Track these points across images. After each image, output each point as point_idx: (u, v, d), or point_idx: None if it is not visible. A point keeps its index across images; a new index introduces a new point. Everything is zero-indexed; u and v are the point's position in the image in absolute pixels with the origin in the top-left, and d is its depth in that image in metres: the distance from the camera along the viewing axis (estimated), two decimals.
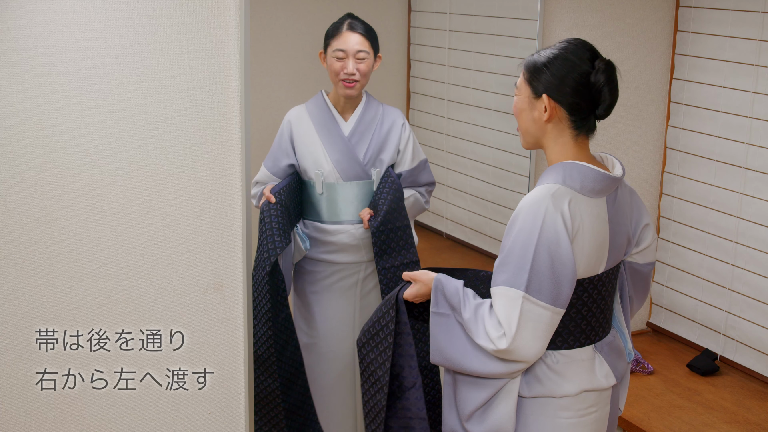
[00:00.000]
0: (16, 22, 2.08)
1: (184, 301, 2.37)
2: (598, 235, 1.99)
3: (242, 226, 2.39)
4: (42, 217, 2.19)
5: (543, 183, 1.98)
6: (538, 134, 2.05)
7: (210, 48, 2.27)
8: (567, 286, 1.93)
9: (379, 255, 2.76)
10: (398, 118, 2.87)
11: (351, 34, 2.72)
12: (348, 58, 2.72)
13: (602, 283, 2.05)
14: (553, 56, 1.99)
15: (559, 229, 1.91)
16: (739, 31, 2.91)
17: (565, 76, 1.97)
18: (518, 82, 2.06)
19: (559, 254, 1.91)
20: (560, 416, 2.03)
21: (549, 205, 1.92)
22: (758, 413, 2.75)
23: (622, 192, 2.10)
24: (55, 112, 2.16)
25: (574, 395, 2.03)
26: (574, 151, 2.02)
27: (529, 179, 3.06)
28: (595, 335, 2.08)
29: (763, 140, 2.86)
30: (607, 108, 2.00)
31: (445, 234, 3.49)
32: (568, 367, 2.03)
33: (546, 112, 2.00)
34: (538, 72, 2.00)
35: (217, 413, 2.46)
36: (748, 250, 2.93)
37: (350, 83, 2.74)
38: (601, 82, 1.96)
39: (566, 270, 1.92)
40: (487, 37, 3.20)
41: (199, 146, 2.31)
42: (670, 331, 3.29)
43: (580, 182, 1.97)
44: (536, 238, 1.90)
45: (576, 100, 1.98)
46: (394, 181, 2.78)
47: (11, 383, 2.24)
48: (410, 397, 2.20)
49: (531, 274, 1.90)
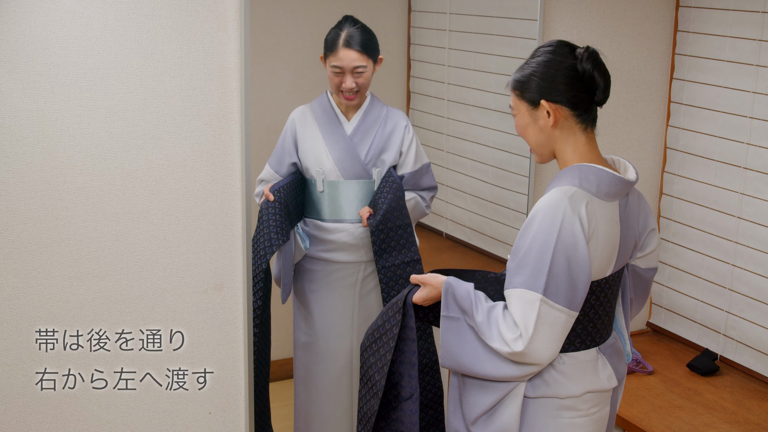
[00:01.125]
0: (16, 22, 2.08)
1: (184, 301, 2.37)
2: (610, 238, 1.99)
3: (242, 226, 2.39)
4: (42, 217, 2.19)
5: (558, 185, 1.97)
6: (549, 143, 2.04)
7: (210, 48, 2.27)
8: (582, 290, 1.94)
9: (379, 254, 2.76)
10: (402, 120, 2.87)
11: (347, 51, 2.72)
12: (345, 74, 2.73)
13: (608, 286, 2.06)
14: (536, 64, 2.01)
15: (576, 233, 1.91)
16: (739, 31, 2.91)
17: (554, 75, 1.98)
18: (512, 103, 2.06)
19: (576, 257, 1.91)
20: (563, 416, 2.03)
21: (567, 208, 1.92)
22: (758, 413, 2.75)
23: (632, 195, 2.10)
24: (55, 112, 2.16)
25: (578, 396, 2.03)
26: (586, 150, 2.02)
27: (529, 179, 3.06)
28: (600, 338, 2.08)
29: (763, 140, 2.86)
30: (604, 91, 2.00)
31: (445, 234, 3.49)
32: (574, 369, 2.03)
33: (550, 116, 1.99)
34: (526, 84, 2.01)
35: (217, 413, 2.46)
36: (748, 250, 2.93)
37: (350, 96, 2.76)
38: (589, 69, 1.97)
39: (582, 273, 1.92)
40: (487, 37, 3.20)
41: (199, 146, 2.31)
42: (670, 331, 3.29)
43: (596, 185, 1.96)
44: (554, 241, 1.90)
45: (573, 93, 1.98)
46: (394, 181, 2.78)
47: (11, 383, 2.24)
48: (405, 409, 2.17)
49: (549, 277, 1.90)
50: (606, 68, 2.01)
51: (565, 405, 2.03)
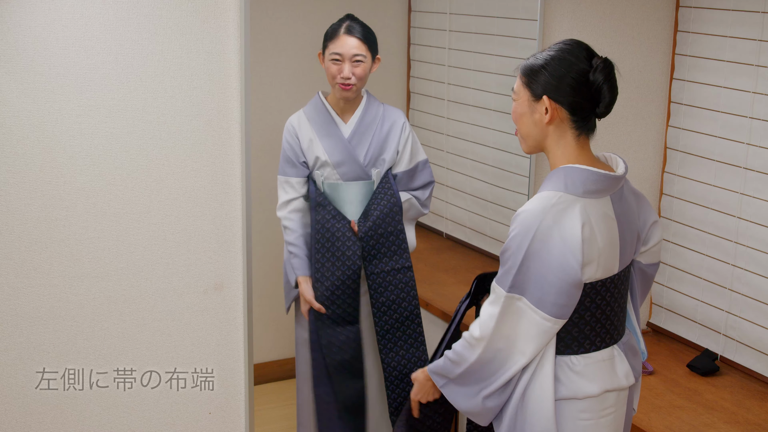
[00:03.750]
0: (16, 22, 2.08)
1: (184, 301, 2.37)
2: (609, 234, 1.99)
3: (242, 226, 2.39)
4: (42, 217, 2.19)
5: (544, 189, 1.98)
6: (539, 137, 2.04)
7: (210, 48, 2.27)
8: (558, 294, 1.97)
9: (368, 260, 2.75)
10: (399, 118, 2.86)
11: (348, 38, 2.72)
12: (344, 62, 2.72)
13: (616, 285, 2.06)
14: (550, 57, 1.99)
15: (552, 241, 1.93)
16: (739, 31, 2.91)
17: (564, 75, 1.97)
18: (515, 87, 2.06)
19: (550, 264, 1.95)
20: (581, 418, 2.03)
21: (545, 219, 1.94)
22: (758, 413, 2.74)
23: (627, 190, 2.10)
24: (55, 112, 2.16)
25: (597, 396, 2.04)
26: (577, 153, 2.02)
27: (529, 179, 3.06)
28: (611, 338, 2.09)
29: (763, 140, 2.86)
30: (607, 106, 1.99)
31: (445, 234, 3.49)
32: (590, 369, 2.04)
33: (547, 113, 1.99)
34: (535, 74, 2.00)
35: (217, 413, 2.46)
36: (748, 250, 2.93)
37: (347, 87, 2.74)
38: (600, 81, 1.96)
39: (557, 279, 1.95)
40: (487, 38, 3.20)
41: (199, 146, 2.31)
42: (670, 331, 3.29)
43: (582, 186, 1.97)
44: (526, 247, 1.94)
45: (576, 99, 1.97)
46: (390, 188, 2.78)
47: (11, 383, 2.24)
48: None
49: (516, 277, 1.96)
50: (616, 84, 2.00)
51: (583, 406, 2.03)
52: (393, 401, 2.80)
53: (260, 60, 2.72)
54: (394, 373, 2.79)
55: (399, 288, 2.76)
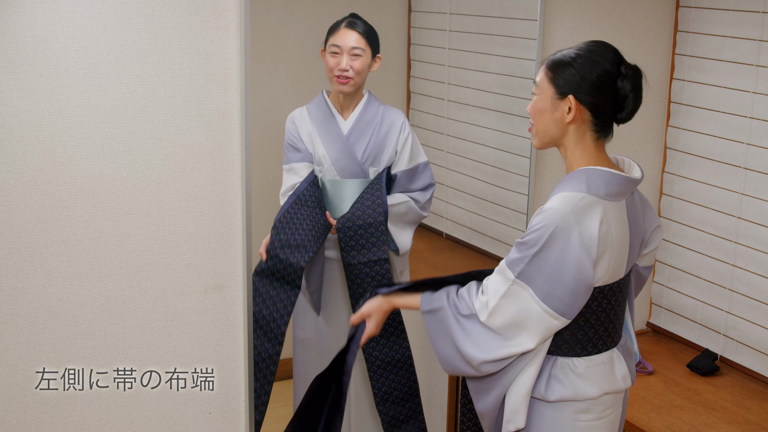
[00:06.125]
0: (16, 22, 2.08)
1: (184, 301, 2.37)
2: (621, 237, 1.99)
3: (242, 226, 2.39)
4: (42, 217, 2.19)
5: (565, 190, 1.96)
6: (557, 135, 2.03)
7: (210, 48, 2.27)
8: (567, 293, 1.95)
9: (346, 251, 2.75)
10: (398, 118, 2.87)
11: (348, 31, 2.75)
12: (342, 54, 2.74)
13: (620, 289, 2.06)
14: (577, 55, 1.97)
15: (572, 242, 1.92)
16: (739, 31, 2.91)
17: (589, 74, 1.96)
18: (539, 81, 2.03)
19: (566, 264, 1.94)
20: (579, 419, 2.04)
21: (568, 217, 1.93)
22: (758, 413, 2.75)
23: (636, 194, 2.10)
24: (55, 112, 2.16)
25: (596, 398, 2.04)
26: (595, 155, 2.01)
27: (529, 179, 3.06)
28: (611, 341, 2.09)
29: (763, 140, 2.86)
30: (630, 113, 1.99)
31: (445, 234, 3.49)
32: (591, 371, 2.04)
33: (570, 113, 1.98)
34: (562, 71, 1.98)
35: (217, 413, 2.46)
36: (748, 250, 2.93)
37: (344, 80, 2.75)
38: (627, 89, 1.96)
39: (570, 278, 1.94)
40: (487, 38, 3.20)
41: (199, 146, 2.31)
42: (670, 331, 3.29)
43: (604, 188, 1.96)
44: (544, 242, 1.93)
45: (600, 101, 1.96)
46: (378, 183, 2.79)
47: (11, 383, 2.24)
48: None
49: (527, 266, 1.95)
50: (642, 93, 2.00)
51: (582, 408, 2.03)
52: (378, 391, 2.82)
53: (260, 60, 2.71)
54: (377, 363, 2.81)
55: (376, 280, 2.77)
